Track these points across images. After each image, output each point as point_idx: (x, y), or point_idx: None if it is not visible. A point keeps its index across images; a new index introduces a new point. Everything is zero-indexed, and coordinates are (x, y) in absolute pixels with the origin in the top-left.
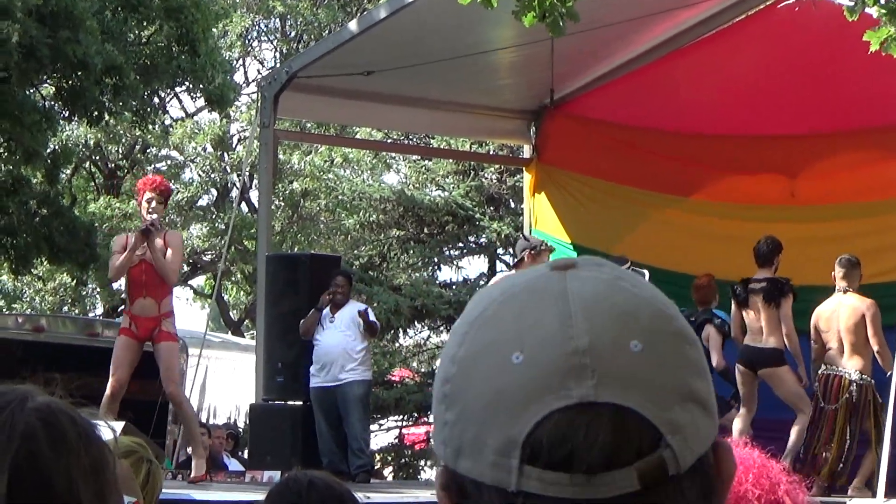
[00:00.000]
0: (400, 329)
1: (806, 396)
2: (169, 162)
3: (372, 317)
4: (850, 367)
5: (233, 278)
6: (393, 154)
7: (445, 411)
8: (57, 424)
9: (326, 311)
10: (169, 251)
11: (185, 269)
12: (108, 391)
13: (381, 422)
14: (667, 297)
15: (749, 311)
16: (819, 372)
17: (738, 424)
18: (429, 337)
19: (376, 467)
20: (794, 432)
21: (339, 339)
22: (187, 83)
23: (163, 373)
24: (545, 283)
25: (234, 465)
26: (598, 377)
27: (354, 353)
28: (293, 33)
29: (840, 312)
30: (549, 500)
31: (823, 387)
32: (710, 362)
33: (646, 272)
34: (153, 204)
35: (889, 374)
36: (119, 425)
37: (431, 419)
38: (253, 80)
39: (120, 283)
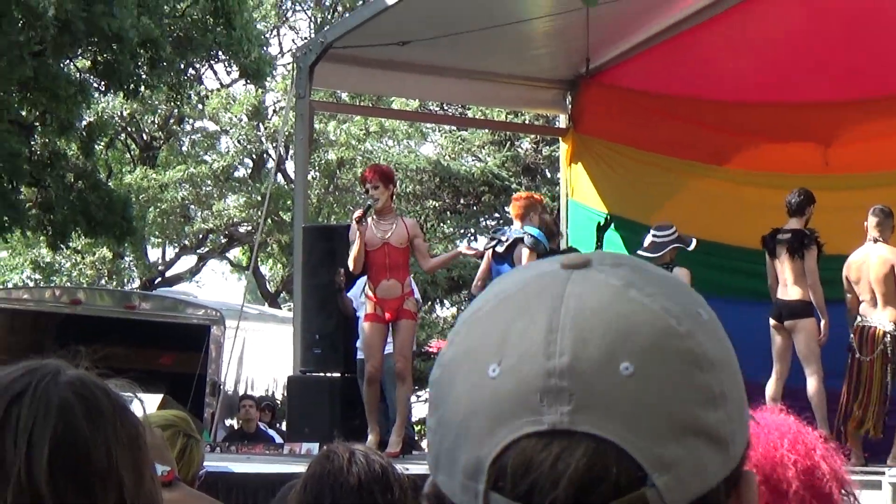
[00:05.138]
0: (437, 300)
1: (819, 356)
2: (204, 133)
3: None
4: (884, 318)
5: (269, 250)
6: (429, 124)
7: (430, 415)
8: (92, 397)
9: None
10: (417, 241)
11: (222, 240)
12: (366, 377)
13: (419, 393)
14: (694, 307)
15: (777, 262)
16: (854, 324)
17: (770, 388)
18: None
19: (415, 438)
20: (812, 398)
21: None
22: (223, 57)
23: (396, 347)
24: (546, 285)
25: (273, 436)
26: (576, 402)
27: None
28: (328, 2)
29: (869, 262)
30: None
31: (859, 338)
32: None
33: (693, 240)
34: (370, 191)
35: None
36: (157, 398)
37: None
38: (288, 51)
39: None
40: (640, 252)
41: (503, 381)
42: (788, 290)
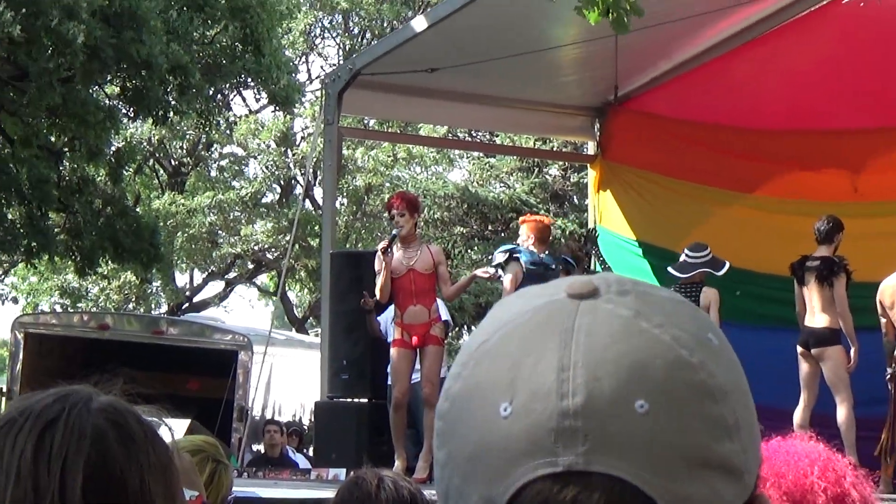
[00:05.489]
0: (464, 326)
1: (848, 383)
2: (233, 157)
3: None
4: None
5: (296, 276)
6: (456, 150)
7: (438, 449)
8: (124, 424)
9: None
10: (441, 268)
11: (249, 266)
12: (392, 402)
13: None
14: (704, 332)
15: (806, 289)
16: (894, 353)
17: (797, 416)
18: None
19: None
20: (841, 425)
21: None
22: (252, 83)
23: (423, 373)
24: (553, 316)
25: (300, 461)
26: (591, 443)
27: None
28: (356, 29)
29: None
30: None
31: None
32: None
33: (727, 263)
34: (396, 218)
35: None
36: (185, 423)
37: None
38: (316, 77)
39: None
40: (669, 269)
41: (515, 421)
42: (816, 317)
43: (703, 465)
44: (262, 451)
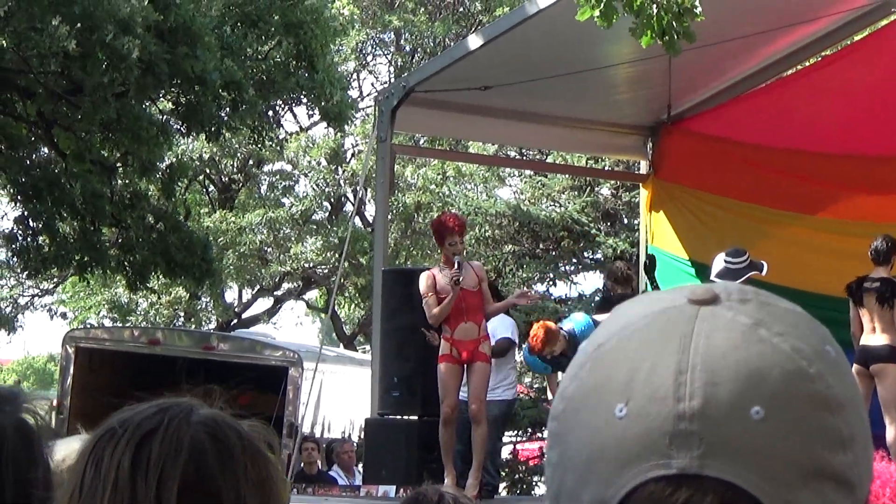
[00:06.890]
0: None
1: None
2: (283, 175)
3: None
4: None
5: (345, 293)
6: (507, 168)
7: (550, 449)
8: (223, 438)
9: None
10: (483, 285)
11: (299, 283)
12: (441, 417)
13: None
14: (822, 344)
15: (863, 310)
16: None
17: None
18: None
19: (497, 485)
20: (891, 446)
21: None
22: (305, 100)
23: (471, 390)
24: (673, 321)
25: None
26: (706, 446)
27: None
28: (408, 47)
29: None
30: None
31: None
32: None
33: (764, 264)
34: (457, 245)
35: None
36: None
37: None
38: (368, 95)
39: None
40: (714, 279)
41: (631, 423)
42: (876, 336)
43: (816, 476)
44: (301, 468)
